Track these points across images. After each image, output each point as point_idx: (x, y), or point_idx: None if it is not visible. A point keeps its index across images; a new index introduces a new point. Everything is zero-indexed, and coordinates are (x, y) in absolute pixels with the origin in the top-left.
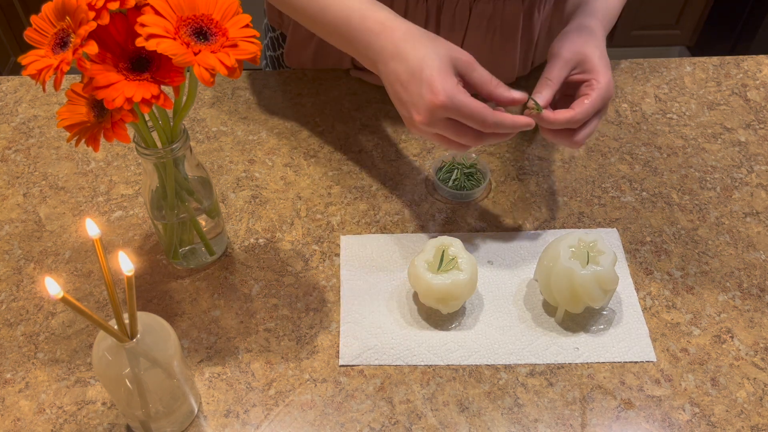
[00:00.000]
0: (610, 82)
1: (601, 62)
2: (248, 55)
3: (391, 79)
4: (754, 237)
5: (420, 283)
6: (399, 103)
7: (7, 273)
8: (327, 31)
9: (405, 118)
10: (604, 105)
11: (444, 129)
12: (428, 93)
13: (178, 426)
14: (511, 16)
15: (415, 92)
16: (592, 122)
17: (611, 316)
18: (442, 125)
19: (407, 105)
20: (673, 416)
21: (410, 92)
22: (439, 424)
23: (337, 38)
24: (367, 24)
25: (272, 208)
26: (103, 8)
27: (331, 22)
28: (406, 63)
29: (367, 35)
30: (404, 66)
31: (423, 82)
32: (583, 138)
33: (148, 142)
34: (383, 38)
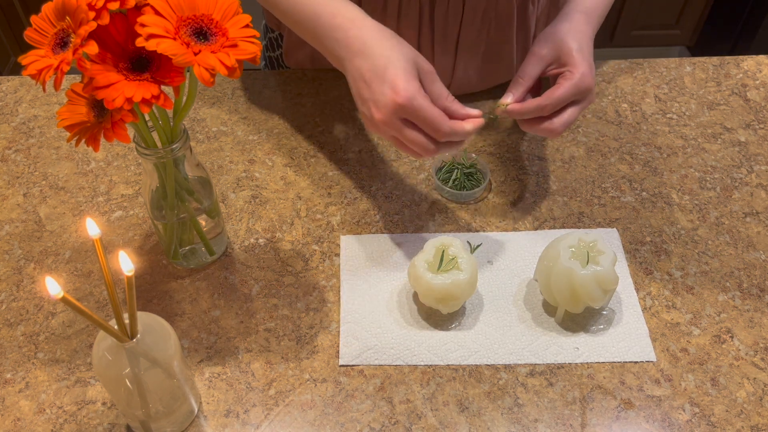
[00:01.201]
0: (585, 73)
1: (579, 55)
2: (248, 55)
3: (356, 76)
4: (754, 237)
5: (420, 283)
6: (360, 100)
7: (7, 273)
8: (298, 26)
9: (365, 116)
10: (579, 95)
11: (400, 131)
12: (390, 91)
13: (178, 426)
14: (504, 9)
15: (378, 90)
16: (568, 111)
17: (611, 316)
18: (398, 126)
19: (368, 102)
20: (673, 416)
21: (372, 90)
22: (439, 424)
23: (306, 34)
24: (336, 21)
25: (272, 208)
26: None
27: (301, 18)
28: (372, 60)
29: (335, 32)
30: (369, 63)
31: (386, 80)
32: (559, 125)
33: (148, 142)
34: (351, 35)
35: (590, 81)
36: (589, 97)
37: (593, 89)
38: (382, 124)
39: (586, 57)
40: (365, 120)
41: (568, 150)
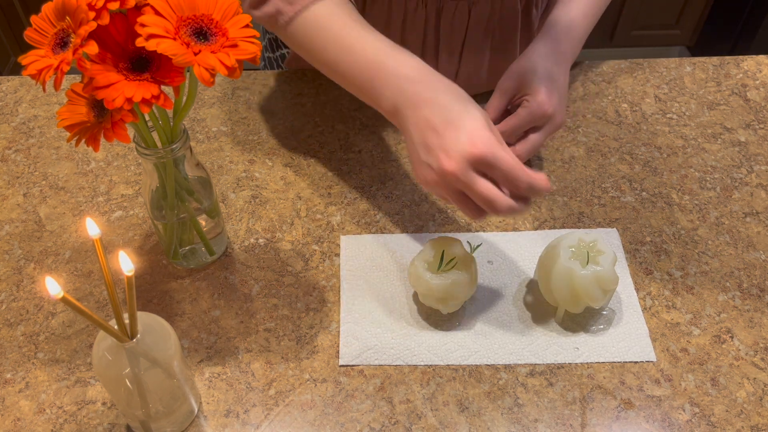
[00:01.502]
0: (542, 101)
1: (539, 83)
2: (248, 55)
3: (421, 125)
4: (754, 237)
5: (420, 283)
6: (425, 149)
7: (7, 273)
8: (349, 74)
9: (427, 168)
10: (536, 121)
11: (471, 183)
12: (467, 140)
13: (178, 426)
14: (509, 14)
15: (452, 138)
16: (531, 137)
17: (611, 316)
18: (470, 178)
19: (436, 151)
20: (673, 416)
21: (445, 138)
22: (439, 424)
23: (358, 81)
24: (403, 70)
25: (272, 208)
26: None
27: (355, 66)
28: (445, 111)
29: (400, 80)
30: (442, 113)
31: (463, 129)
32: (522, 152)
33: (148, 142)
34: (421, 85)
35: (547, 107)
36: (552, 122)
37: (554, 115)
38: (451, 175)
39: (546, 84)
40: (424, 173)
41: (568, 150)
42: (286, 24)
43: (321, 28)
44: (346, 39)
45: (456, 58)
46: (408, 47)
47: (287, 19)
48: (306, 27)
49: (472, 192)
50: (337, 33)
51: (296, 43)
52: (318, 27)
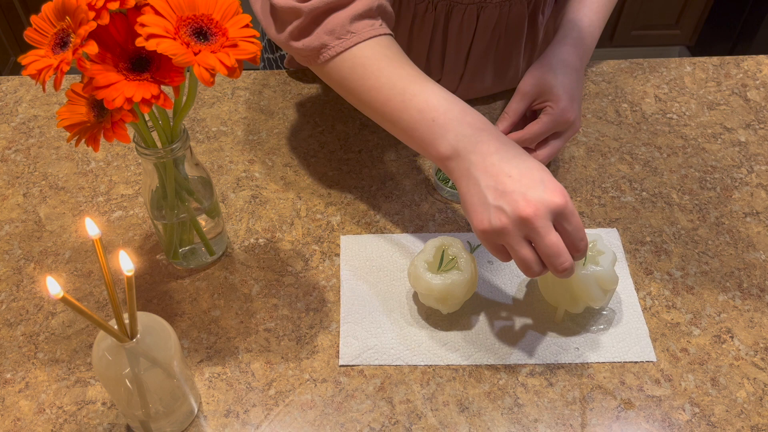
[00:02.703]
0: (565, 108)
1: (561, 90)
2: (248, 55)
3: (492, 170)
4: (754, 237)
5: (420, 283)
6: (498, 194)
7: (7, 273)
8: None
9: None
10: (559, 127)
11: (545, 232)
12: (548, 190)
13: (178, 426)
14: (516, 19)
15: (531, 186)
16: (551, 143)
17: (611, 316)
18: (546, 227)
19: (513, 195)
20: (673, 416)
21: (523, 184)
22: (439, 424)
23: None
24: (468, 117)
25: (272, 208)
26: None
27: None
28: (518, 161)
29: (464, 126)
30: (514, 162)
31: (541, 180)
32: (543, 157)
33: (148, 142)
34: (486, 134)
35: (570, 114)
36: (572, 128)
37: (575, 121)
38: (528, 221)
39: (568, 90)
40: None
41: (568, 150)
42: (328, 59)
43: (372, 66)
44: (401, 78)
45: (462, 61)
46: (414, 49)
47: (333, 53)
48: (354, 64)
49: (543, 241)
50: (392, 72)
51: (336, 80)
52: (365, 67)
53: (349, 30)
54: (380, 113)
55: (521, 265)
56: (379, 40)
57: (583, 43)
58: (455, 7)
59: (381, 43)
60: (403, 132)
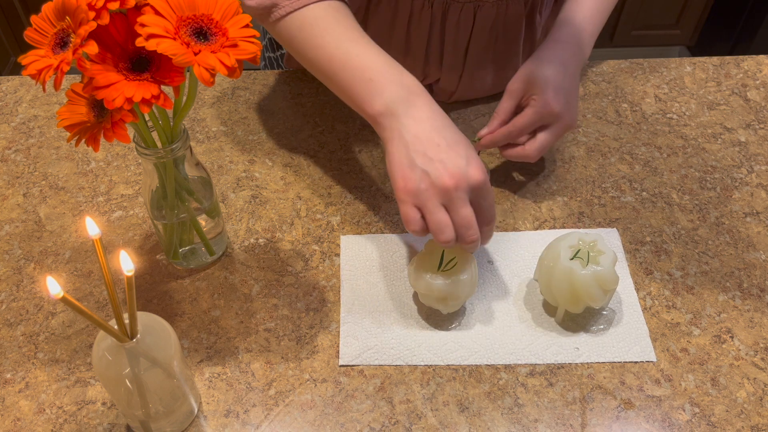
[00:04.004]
0: (550, 99)
1: (545, 82)
2: (248, 55)
3: (422, 136)
4: (754, 237)
5: (420, 283)
6: (424, 158)
7: (7, 273)
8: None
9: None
10: (543, 119)
11: (461, 204)
12: (470, 166)
13: (178, 426)
14: (513, 18)
15: (454, 157)
16: (540, 136)
17: (611, 316)
18: (462, 199)
19: (437, 163)
20: (673, 416)
21: (449, 155)
22: (439, 424)
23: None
24: (407, 80)
25: (272, 208)
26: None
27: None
28: (447, 132)
29: (402, 88)
30: (443, 133)
31: (464, 156)
32: (532, 150)
33: (148, 142)
34: (422, 99)
35: (554, 105)
36: (560, 120)
37: (561, 113)
38: (447, 190)
39: (552, 82)
40: (415, 178)
41: (568, 150)
42: (279, 18)
43: (319, 26)
44: (346, 40)
45: (460, 60)
46: (413, 47)
47: (283, 13)
48: (303, 23)
49: (458, 212)
50: (338, 33)
51: (285, 40)
52: (313, 26)
53: None
54: (323, 71)
55: (436, 228)
56: (329, 3)
57: (574, 39)
58: (452, 5)
59: (332, 5)
60: (341, 89)
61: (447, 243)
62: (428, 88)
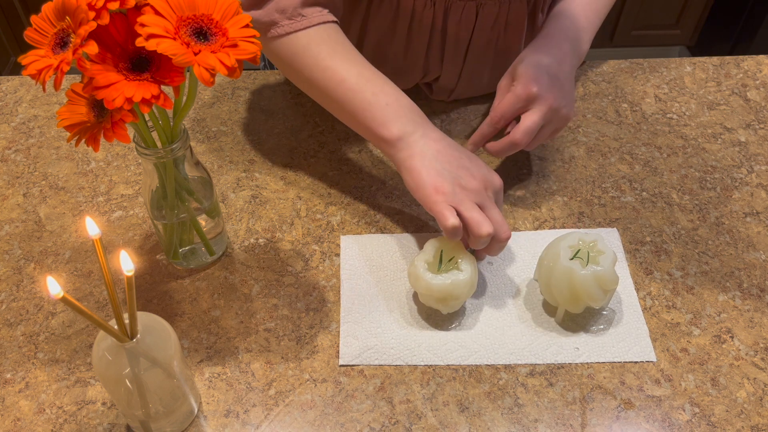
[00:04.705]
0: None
1: (526, 68)
2: (248, 55)
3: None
4: (754, 237)
5: (420, 283)
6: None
7: (7, 273)
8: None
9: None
10: (524, 102)
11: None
12: (490, 173)
13: (178, 426)
14: (516, 17)
15: (476, 167)
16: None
17: (611, 316)
18: (487, 198)
19: (462, 171)
20: (673, 416)
21: (470, 165)
22: (439, 424)
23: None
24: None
25: (272, 208)
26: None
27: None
28: (459, 148)
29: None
30: (458, 149)
31: (482, 165)
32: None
33: (148, 142)
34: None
35: (532, 86)
36: (542, 101)
37: (541, 93)
38: (472, 191)
39: (532, 66)
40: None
41: (568, 150)
42: (277, 37)
43: (322, 49)
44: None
45: (460, 59)
46: (414, 45)
47: (281, 33)
48: (305, 45)
49: (491, 210)
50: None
51: (283, 59)
52: (320, 48)
53: (300, 13)
54: (331, 93)
55: (476, 223)
56: (328, 26)
57: (563, 33)
58: (454, 3)
59: (331, 28)
60: (352, 112)
61: (486, 237)
62: (427, 86)
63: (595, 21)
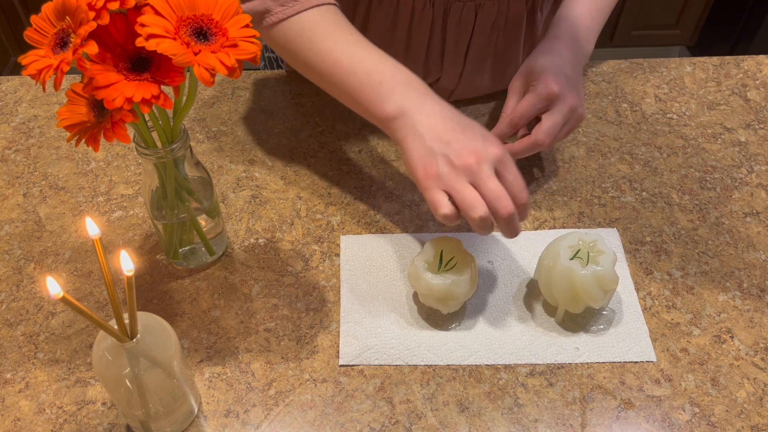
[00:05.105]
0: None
1: (542, 68)
2: (248, 55)
3: (436, 126)
4: (754, 237)
5: (420, 283)
6: (442, 143)
7: (7, 273)
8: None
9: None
10: (545, 101)
11: (486, 178)
12: (488, 142)
13: (178, 426)
14: (515, 16)
15: (472, 137)
16: (545, 118)
17: (611, 316)
18: (487, 173)
19: (456, 145)
20: (673, 416)
21: (465, 136)
22: (439, 424)
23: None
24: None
25: (272, 208)
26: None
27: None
28: (459, 118)
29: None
30: (456, 119)
31: (481, 134)
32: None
33: (148, 142)
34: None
35: (554, 86)
36: (563, 101)
37: (561, 94)
38: (471, 167)
39: (550, 68)
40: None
41: (568, 150)
42: (273, 24)
43: (319, 31)
44: (349, 44)
45: (461, 59)
46: (414, 47)
47: (275, 20)
48: (299, 30)
49: (486, 185)
50: (340, 38)
51: (281, 45)
52: (313, 32)
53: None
54: (327, 76)
55: (467, 204)
56: (324, 9)
57: (571, 34)
58: (453, 4)
59: (327, 10)
60: (348, 94)
61: (482, 220)
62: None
63: (600, 21)
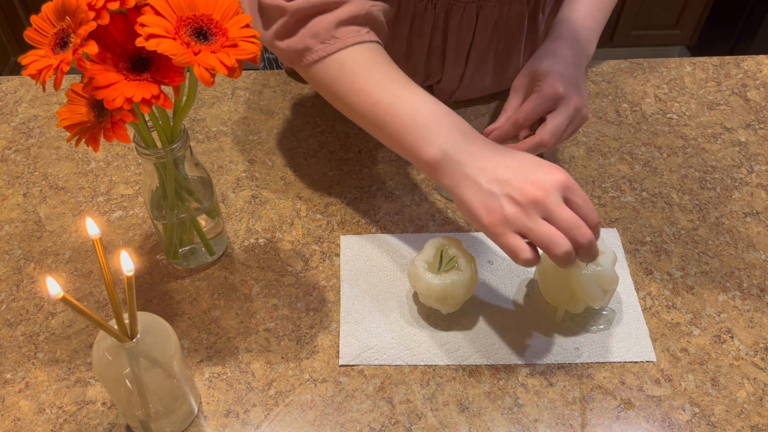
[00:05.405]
0: (553, 82)
1: (546, 70)
2: (248, 55)
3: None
4: (754, 237)
5: (420, 283)
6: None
7: (7, 273)
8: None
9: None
10: (548, 101)
11: (561, 207)
12: (549, 170)
13: (178, 426)
14: (516, 18)
15: (528, 170)
16: (549, 119)
17: (611, 316)
18: (557, 203)
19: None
20: (673, 416)
21: (523, 170)
22: (439, 424)
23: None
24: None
25: (272, 208)
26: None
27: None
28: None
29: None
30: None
31: (537, 163)
32: (546, 134)
33: (148, 142)
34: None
35: (558, 86)
36: (568, 102)
37: (567, 93)
38: (539, 201)
39: (554, 69)
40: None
41: (568, 150)
42: (312, 63)
43: (361, 69)
44: (390, 83)
45: (462, 60)
46: (415, 49)
47: (316, 58)
48: (339, 69)
49: (561, 216)
50: (381, 76)
51: (321, 84)
52: (354, 70)
53: (334, 35)
54: (368, 116)
55: (546, 243)
56: (365, 46)
57: (573, 35)
58: (454, 5)
59: (369, 48)
60: (390, 135)
61: (567, 256)
62: (429, 88)
63: (602, 21)
